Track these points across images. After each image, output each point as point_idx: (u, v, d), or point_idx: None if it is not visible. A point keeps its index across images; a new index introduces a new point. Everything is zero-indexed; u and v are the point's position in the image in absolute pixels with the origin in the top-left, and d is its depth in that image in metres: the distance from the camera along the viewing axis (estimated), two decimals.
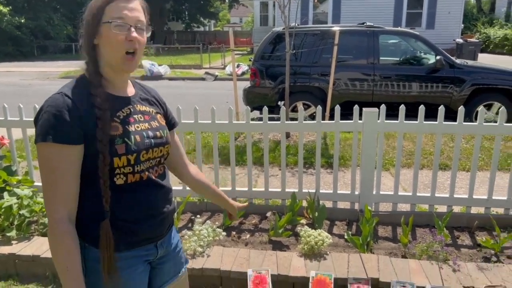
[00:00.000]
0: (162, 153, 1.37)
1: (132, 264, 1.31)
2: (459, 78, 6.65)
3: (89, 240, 1.24)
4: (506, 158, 5.02)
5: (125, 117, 1.28)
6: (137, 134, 1.28)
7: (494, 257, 2.91)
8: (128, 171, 1.25)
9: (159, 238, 1.39)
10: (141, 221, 1.30)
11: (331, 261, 2.71)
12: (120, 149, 1.22)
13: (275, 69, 6.99)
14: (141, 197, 1.29)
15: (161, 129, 1.37)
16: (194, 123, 3.52)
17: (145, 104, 1.38)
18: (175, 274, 1.51)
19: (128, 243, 1.29)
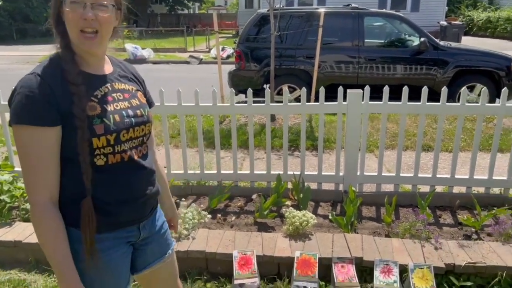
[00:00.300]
0: (144, 132, 1.34)
1: (113, 246, 1.30)
2: (442, 60, 6.69)
3: (69, 221, 1.21)
4: (487, 139, 5.11)
5: (103, 96, 1.24)
6: (116, 113, 1.25)
7: (474, 235, 2.97)
8: (109, 151, 1.22)
9: (142, 220, 1.37)
10: (123, 203, 1.28)
11: (315, 241, 2.73)
12: (98, 129, 1.19)
13: (260, 51, 6.93)
14: (122, 178, 1.27)
15: (141, 108, 1.34)
16: (178, 105, 3.47)
17: (124, 81, 1.34)
18: (160, 256, 1.50)
19: (109, 224, 1.28)
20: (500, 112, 3.28)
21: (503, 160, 4.41)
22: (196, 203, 3.45)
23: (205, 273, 2.66)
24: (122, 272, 1.35)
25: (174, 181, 3.67)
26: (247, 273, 2.53)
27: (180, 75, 11.81)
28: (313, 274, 2.48)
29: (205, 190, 3.67)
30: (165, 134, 3.61)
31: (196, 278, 2.62)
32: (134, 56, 14.65)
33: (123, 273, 1.35)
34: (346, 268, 2.50)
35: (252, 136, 3.56)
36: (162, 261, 1.51)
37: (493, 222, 2.99)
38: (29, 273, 2.70)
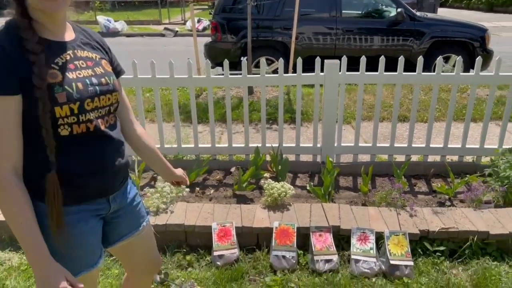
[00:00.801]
0: (111, 101, 1.28)
1: (82, 219, 1.26)
2: (419, 31, 6.71)
3: (36, 194, 1.17)
4: (461, 109, 5.21)
5: (64, 64, 1.18)
6: (79, 81, 1.19)
7: (448, 202, 3.06)
8: (73, 121, 1.17)
9: (111, 193, 1.34)
10: (90, 174, 1.24)
11: (294, 212, 2.76)
12: (60, 98, 1.13)
13: (236, 23, 6.79)
14: (89, 149, 1.22)
15: (106, 76, 1.28)
16: (152, 78, 3.38)
17: (87, 49, 1.28)
18: (134, 228, 1.48)
19: (77, 197, 1.24)
20: (474, 81, 3.33)
21: (476, 129, 4.51)
22: None
23: (184, 246, 2.66)
24: (93, 245, 1.32)
25: None
26: (226, 245, 2.54)
27: (155, 48, 11.52)
28: (292, 243, 2.51)
29: (182, 164, 3.61)
30: (140, 107, 3.53)
31: (175, 251, 2.62)
32: (107, 29, 14.18)
33: (93, 246, 1.32)
34: (324, 236, 2.54)
35: (230, 109, 3.51)
36: (137, 234, 1.48)
37: (466, 189, 3.07)
38: (3, 251, 2.64)
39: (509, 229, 2.54)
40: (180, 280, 2.39)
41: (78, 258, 1.28)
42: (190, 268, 2.50)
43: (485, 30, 6.77)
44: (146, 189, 2.96)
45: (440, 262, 2.48)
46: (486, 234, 2.54)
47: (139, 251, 1.54)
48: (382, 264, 2.44)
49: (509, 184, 2.90)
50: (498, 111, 5.12)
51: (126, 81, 3.40)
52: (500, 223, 2.61)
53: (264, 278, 2.38)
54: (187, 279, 2.39)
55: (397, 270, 2.38)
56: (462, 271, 2.43)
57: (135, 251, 1.53)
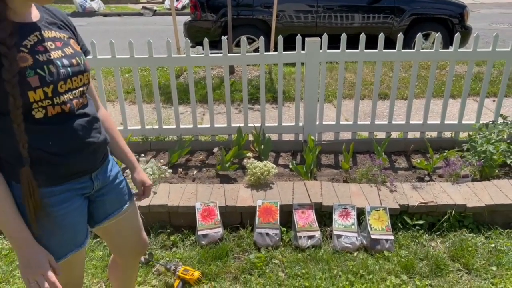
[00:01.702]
0: (83, 82, 1.25)
1: (67, 199, 1.25)
2: (399, 8, 6.71)
3: (15, 178, 1.15)
4: (440, 86, 5.27)
5: (33, 46, 1.13)
6: (50, 63, 1.14)
7: (427, 177, 3.12)
8: (47, 104, 1.14)
9: (93, 170, 1.32)
10: (69, 153, 1.22)
11: (276, 190, 2.78)
12: (33, 82, 1.09)
13: (216, 1, 6.66)
14: (65, 129, 1.20)
15: (77, 56, 1.24)
16: (130, 58, 3.31)
17: (54, 29, 1.23)
18: (120, 206, 1.47)
19: (59, 177, 1.22)
20: (452, 57, 3.36)
21: (455, 105, 4.59)
22: (156, 159, 3.40)
23: (168, 226, 2.66)
24: (79, 225, 1.31)
25: (132, 138, 3.57)
26: (210, 224, 2.55)
27: (133, 28, 11.25)
28: (275, 221, 2.54)
29: (164, 146, 3.60)
30: (119, 88, 3.46)
31: (160, 232, 2.62)
32: (83, 8, 13.75)
33: (79, 226, 1.31)
34: (306, 213, 2.58)
35: (211, 89, 3.48)
36: (122, 212, 1.47)
37: (444, 164, 3.13)
38: None
39: (485, 202, 2.62)
40: (165, 260, 2.40)
41: (66, 239, 1.27)
42: (174, 248, 2.52)
43: (464, 6, 6.82)
44: (127, 171, 2.93)
45: (419, 235, 2.55)
46: (463, 207, 2.61)
47: (125, 230, 1.53)
48: (363, 239, 2.50)
49: (486, 159, 2.98)
50: (476, 87, 5.22)
51: (104, 61, 3.33)
52: (476, 196, 2.69)
53: (248, 255, 2.41)
54: (172, 259, 2.40)
55: (378, 244, 2.44)
56: (440, 243, 2.50)
57: (121, 231, 1.52)
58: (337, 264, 2.34)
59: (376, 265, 2.32)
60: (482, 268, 2.30)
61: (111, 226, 1.47)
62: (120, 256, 1.64)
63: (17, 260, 2.40)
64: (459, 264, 2.34)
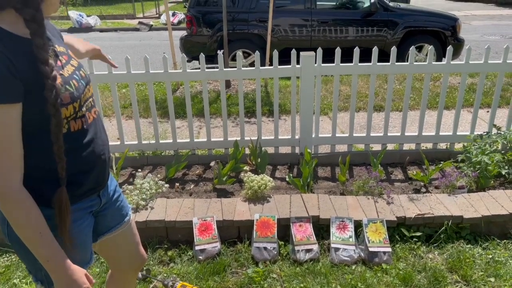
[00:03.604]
0: (91, 92, 1.26)
1: (79, 217, 1.25)
2: (392, 21, 6.81)
3: (37, 199, 1.12)
4: (434, 97, 5.32)
5: (53, 61, 1.10)
6: (72, 78, 1.15)
7: (423, 188, 3.14)
8: (72, 118, 1.14)
9: (102, 187, 1.33)
10: (87, 171, 1.22)
11: (274, 203, 2.78)
12: (65, 99, 1.09)
13: (212, 15, 6.74)
14: (83, 146, 1.19)
15: (82, 67, 1.24)
16: (127, 73, 3.33)
17: (58, 42, 1.22)
18: (121, 219, 1.48)
19: (76, 196, 1.21)
20: (446, 69, 3.40)
21: (449, 116, 4.63)
22: (152, 174, 3.40)
23: (165, 241, 2.65)
24: (88, 242, 1.32)
25: (129, 153, 3.58)
26: (207, 238, 2.55)
27: (130, 43, 11.32)
28: (273, 234, 2.54)
29: (161, 160, 3.61)
30: (116, 104, 3.47)
31: (157, 247, 2.61)
32: (79, 24, 13.84)
33: (88, 243, 1.32)
34: (304, 227, 2.58)
35: (207, 103, 3.50)
36: (122, 226, 1.48)
37: (440, 175, 3.16)
38: None
39: (481, 213, 2.63)
40: (162, 276, 2.38)
41: (78, 257, 1.25)
42: (172, 264, 2.50)
43: (456, 19, 6.92)
44: (124, 186, 2.93)
45: (417, 247, 2.55)
46: (460, 219, 2.62)
47: (124, 245, 1.53)
48: (361, 252, 2.50)
49: (481, 169, 3.00)
50: (470, 98, 5.27)
51: (101, 77, 3.35)
52: (473, 207, 2.70)
53: (246, 270, 2.40)
54: (169, 275, 2.38)
55: (376, 256, 2.44)
56: (438, 255, 2.50)
57: (119, 245, 1.52)
58: (336, 278, 2.33)
59: (374, 278, 2.32)
60: (480, 279, 2.30)
61: (110, 240, 1.47)
62: (118, 271, 1.63)
63: (13, 278, 2.38)
64: (457, 276, 2.34)
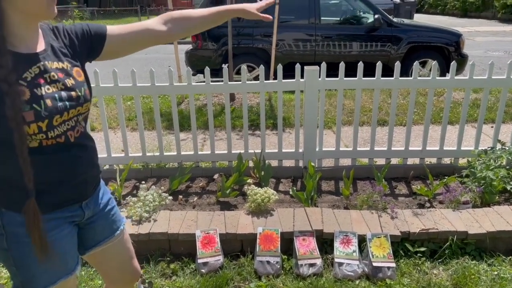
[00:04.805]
0: (80, 112, 1.23)
1: (56, 226, 1.25)
2: (396, 36, 6.86)
3: (5, 204, 1.15)
4: (438, 112, 5.33)
5: (33, 79, 1.11)
6: (48, 97, 1.13)
7: (427, 203, 3.12)
8: (41, 137, 1.13)
9: (84, 199, 1.32)
10: (61, 182, 1.22)
11: (277, 217, 2.78)
12: (28, 117, 1.08)
13: (217, 30, 6.79)
14: (59, 158, 1.20)
15: (77, 88, 1.21)
16: (133, 86, 3.37)
17: (58, 57, 1.21)
18: (111, 233, 1.47)
19: (50, 205, 1.22)
20: (449, 84, 3.42)
21: (453, 131, 4.62)
22: (156, 186, 3.40)
23: (168, 254, 2.64)
24: (69, 251, 1.31)
25: (133, 165, 3.59)
26: (210, 252, 2.53)
27: (135, 56, 11.44)
28: (276, 248, 2.52)
29: (165, 172, 3.62)
30: (121, 115, 3.50)
31: (159, 260, 2.60)
32: None
33: (69, 253, 1.31)
34: (307, 241, 2.56)
35: (212, 116, 3.52)
36: (113, 239, 1.47)
37: (444, 190, 3.13)
38: None
39: (486, 229, 2.61)
40: None
41: (55, 266, 1.26)
42: (174, 277, 2.49)
43: (460, 35, 6.96)
44: (128, 198, 2.94)
45: (421, 262, 2.53)
46: (465, 234, 2.60)
47: (115, 258, 1.53)
48: (365, 267, 2.48)
49: (486, 185, 2.98)
50: (474, 114, 5.27)
51: (107, 90, 3.39)
52: (478, 223, 2.68)
53: (249, 284, 2.38)
54: None
55: (380, 272, 2.42)
56: (442, 271, 2.48)
57: (110, 258, 1.51)
58: None
59: None
60: None
61: (102, 253, 1.47)
62: (110, 284, 1.62)
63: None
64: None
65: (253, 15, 1.54)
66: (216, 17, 1.47)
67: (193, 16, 1.44)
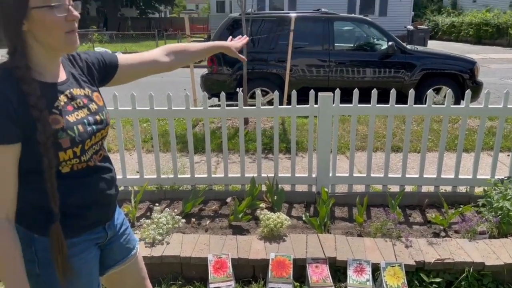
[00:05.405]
0: (103, 135, 1.31)
1: (85, 249, 1.29)
2: (410, 63, 6.89)
3: (37, 230, 1.18)
4: (453, 139, 5.29)
5: (63, 106, 1.18)
6: (79, 123, 1.20)
7: (443, 232, 3.07)
8: (75, 162, 1.20)
9: (108, 220, 1.37)
10: (90, 205, 1.27)
11: (290, 243, 2.76)
12: (64, 143, 1.15)
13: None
14: (87, 181, 1.25)
15: (100, 112, 1.29)
16: (150, 109, 3.44)
17: (80, 84, 1.28)
18: (128, 253, 1.50)
19: (79, 228, 1.26)
20: (464, 113, 3.41)
21: (469, 159, 4.58)
22: (170, 208, 3.42)
23: (180, 278, 2.64)
24: (94, 273, 1.34)
25: (148, 186, 3.63)
26: (222, 277, 2.52)
27: (152, 79, 11.65)
28: (288, 275, 2.50)
29: (179, 195, 3.64)
30: (137, 138, 3.56)
31: (171, 283, 2.59)
32: None
33: (94, 275, 1.34)
34: (320, 268, 2.54)
35: (226, 140, 3.56)
36: (130, 258, 1.50)
37: (460, 220, 3.09)
38: None
39: (504, 260, 2.55)
40: None
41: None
42: None
43: (474, 62, 6.96)
44: (142, 220, 2.96)
45: None
46: (481, 266, 2.55)
47: (130, 278, 1.54)
48: None
49: (503, 215, 2.93)
50: (490, 142, 5.21)
51: (125, 113, 3.47)
52: (495, 254, 2.62)
53: None
54: None
55: None
56: None
57: (126, 279, 1.53)
58: None
59: None
60: None
61: (117, 273, 1.49)
62: None
63: None
64: None
65: (234, 54, 1.75)
66: (206, 51, 1.71)
67: (189, 50, 1.65)
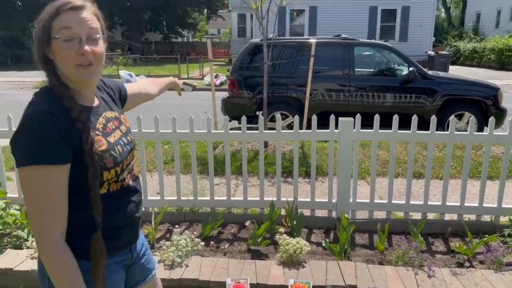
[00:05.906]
0: (133, 155, 1.37)
1: (115, 270, 1.31)
2: (431, 89, 6.85)
3: (76, 253, 1.19)
4: (477, 166, 5.19)
5: (103, 128, 1.26)
6: (118, 144, 1.27)
7: (467, 262, 2.99)
8: (113, 181, 1.25)
9: (135, 241, 1.40)
10: (123, 226, 1.30)
11: (309, 269, 2.73)
12: (109, 163, 1.21)
13: (253, 79, 7.05)
14: (121, 202, 1.30)
15: (129, 133, 1.38)
16: (172, 132, 3.51)
17: (111, 107, 1.36)
18: (148, 273, 1.52)
19: (113, 249, 1.29)
20: (488, 140, 3.36)
21: (493, 187, 4.47)
22: (189, 230, 3.44)
23: None
24: None
25: (168, 208, 3.66)
26: None
27: (174, 102, 11.89)
28: None
29: (198, 217, 3.66)
30: (159, 160, 3.63)
31: None
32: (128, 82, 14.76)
33: None
34: None
35: (246, 163, 3.59)
36: (150, 278, 1.52)
37: (485, 250, 3.01)
38: None
39: None
40: None
41: None
42: None
43: (497, 89, 6.87)
44: (161, 242, 2.98)
45: None
46: None
47: None
48: None
49: None
50: None
51: (148, 135, 3.55)
52: None
53: None
54: None
55: None
56: None
57: None
58: None
59: None
60: None
61: None
62: None
63: None
64: None
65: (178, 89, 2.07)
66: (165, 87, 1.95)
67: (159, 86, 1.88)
